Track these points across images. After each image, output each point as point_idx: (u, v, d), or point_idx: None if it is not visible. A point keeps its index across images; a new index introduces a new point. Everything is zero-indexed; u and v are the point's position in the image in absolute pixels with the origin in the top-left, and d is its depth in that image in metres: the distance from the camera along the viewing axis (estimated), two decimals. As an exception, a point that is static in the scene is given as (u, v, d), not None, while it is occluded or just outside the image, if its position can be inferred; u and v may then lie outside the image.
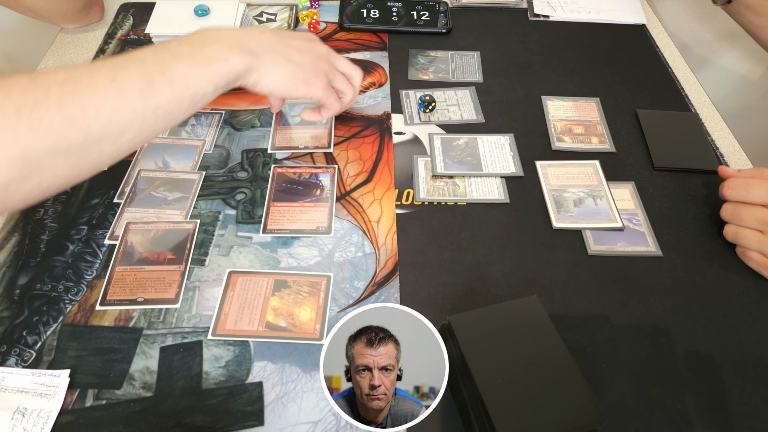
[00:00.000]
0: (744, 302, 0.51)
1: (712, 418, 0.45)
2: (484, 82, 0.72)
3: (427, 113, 0.67)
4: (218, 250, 0.53)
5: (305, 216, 0.56)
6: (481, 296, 0.51)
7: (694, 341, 0.49)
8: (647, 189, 0.60)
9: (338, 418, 0.43)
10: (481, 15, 0.83)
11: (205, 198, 0.57)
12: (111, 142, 0.39)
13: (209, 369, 0.46)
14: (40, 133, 0.35)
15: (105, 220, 0.55)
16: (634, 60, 0.76)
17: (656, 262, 0.54)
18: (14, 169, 0.35)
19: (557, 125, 0.67)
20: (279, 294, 0.50)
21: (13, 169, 0.35)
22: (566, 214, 0.57)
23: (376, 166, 0.61)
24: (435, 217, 0.57)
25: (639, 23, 0.82)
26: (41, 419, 0.42)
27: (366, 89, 0.70)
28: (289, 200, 0.57)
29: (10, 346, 0.46)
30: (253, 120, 0.66)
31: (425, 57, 0.75)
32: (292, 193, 0.58)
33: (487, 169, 0.61)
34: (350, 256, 0.53)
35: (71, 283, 0.50)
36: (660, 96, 0.71)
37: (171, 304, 0.49)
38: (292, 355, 0.47)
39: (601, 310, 0.50)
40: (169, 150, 0.62)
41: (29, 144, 0.35)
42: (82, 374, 0.45)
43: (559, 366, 0.39)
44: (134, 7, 0.80)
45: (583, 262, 0.54)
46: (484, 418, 0.37)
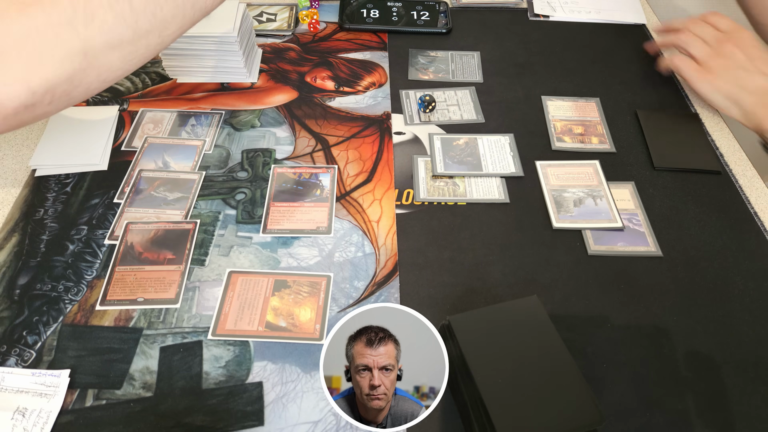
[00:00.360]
0: (744, 302, 0.51)
1: (712, 418, 0.45)
2: (484, 82, 0.72)
3: (427, 113, 0.67)
4: (218, 250, 0.53)
5: (305, 216, 0.56)
6: (481, 296, 0.51)
7: (694, 341, 0.49)
8: (647, 189, 0.60)
9: (338, 418, 0.43)
10: (481, 15, 0.83)
11: (205, 198, 0.57)
12: (156, 35, 0.43)
13: (209, 369, 0.46)
14: (95, 29, 0.39)
15: (105, 220, 0.55)
16: (634, 60, 0.76)
17: (656, 262, 0.54)
18: (75, 62, 0.39)
19: (557, 125, 0.67)
20: (279, 294, 0.50)
21: (74, 61, 0.39)
22: (566, 214, 0.57)
23: (376, 166, 0.61)
24: (435, 217, 0.57)
25: (639, 23, 0.82)
26: (41, 419, 0.42)
27: (366, 89, 0.70)
28: (290, 200, 0.57)
29: (10, 346, 0.46)
30: (253, 120, 0.66)
31: (425, 57, 0.75)
32: (292, 193, 0.58)
33: (487, 169, 0.61)
34: (350, 256, 0.53)
35: (71, 283, 0.50)
36: (660, 96, 0.71)
37: (171, 304, 0.49)
38: (292, 355, 0.47)
39: (601, 310, 0.50)
40: (169, 150, 0.62)
41: (87, 38, 0.39)
42: (82, 374, 0.45)
43: (559, 366, 0.39)
44: (134, 7, 0.80)
45: (583, 262, 0.54)
46: (484, 418, 0.37)
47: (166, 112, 0.66)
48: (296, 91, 0.70)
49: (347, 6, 0.80)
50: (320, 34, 0.78)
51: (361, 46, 0.77)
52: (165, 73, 0.70)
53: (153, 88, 0.69)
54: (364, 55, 0.75)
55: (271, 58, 0.74)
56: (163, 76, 0.70)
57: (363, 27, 0.78)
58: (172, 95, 0.68)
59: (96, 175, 0.59)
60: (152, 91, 0.68)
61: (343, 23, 0.78)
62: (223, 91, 0.69)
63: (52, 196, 0.57)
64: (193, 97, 0.68)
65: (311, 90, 0.70)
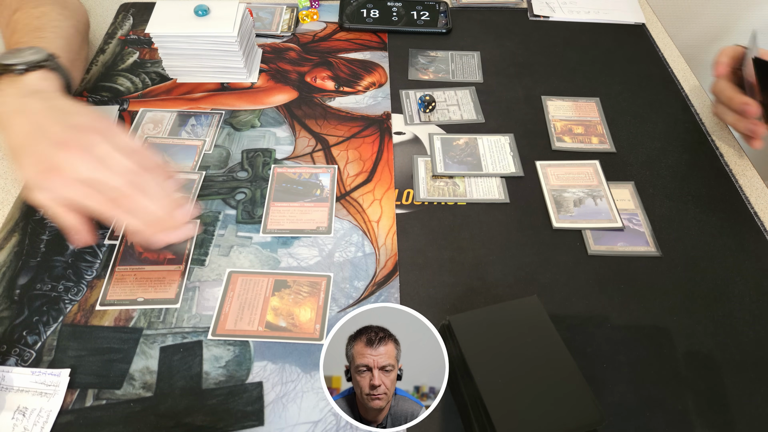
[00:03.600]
0: (744, 302, 0.51)
1: (712, 418, 0.45)
2: (484, 82, 0.72)
3: (427, 113, 0.67)
4: (218, 250, 0.53)
5: (305, 216, 0.56)
6: (481, 296, 0.51)
7: (694, 341, 0.49)
8: (647, 189, 0.60)
9: (338, 418, 0.43)
10: (481, 15, 0.83)
11: (205, 198, 0.57)
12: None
13: (209, 369, 0.46)
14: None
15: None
16: (634, 60, 0.76)
17: (656, 262, 0.54)
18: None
19: (557, 125, 0.67)
20: (279, 294, 0.50)
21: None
22: (566, 214, 0.57)
23: (376, 166, 0.61)
24: (435, 217, 0.57)
25: (638, 23, 0.82)
26: (41, 418, 0.42)
27: (366, 89, 0.70)
28: (289, 200, 0.57)
29: (10, 346, 0.46)
30: (253, 120, 0.66)
31: (425, 57, 0.75)
32: (292, 193, 0.58)
33: (487, 169, 0.61)
34: (350, 256, 0.53)
35: (71, 283, 0.50)
36: (660, 96, 0.71)
37: (171, 304, 0.49)
38: (292, 355, 0.47)
39: (601, 310, 0.50)
40: (169, 150, 0.62)
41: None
42: (82, 374, 0.45)
43: (559, 366, 0.39)
44: (134, 7, 0.80)
45: (583, 262, 0.54)
46: (484, 418, 0.37)
47: (166, 112, 0.66)
48: (296, 91, 0.70)
49: (347, 6, 0.80)
50: (320, 33, 0.78)
51: (361, 46, 0.77)
52: (165, 73, 0.70)
53: (153, 88, 0.69)
54: (364, 55, 0.75)
55: (271, 58, 0.74)
56: (163, 76, 0.70)
57: (363, 27, 0.78)
58: (172, 95, 0.68)
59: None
60: (152, 91, 0.68)
61: (343, 23, 0.78)
62: (223, 91, 0.69)
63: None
64: (193, 97, 0.68)
65: (311, 90, 0.70)
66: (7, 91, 0.49)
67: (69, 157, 0.44)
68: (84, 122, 0.46)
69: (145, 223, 0.45)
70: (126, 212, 0.44)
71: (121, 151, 0.45)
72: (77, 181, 0.43)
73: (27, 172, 0.45)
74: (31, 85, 0.50)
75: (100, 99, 0.67)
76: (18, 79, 0.50)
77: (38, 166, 0.44)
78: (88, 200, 0.44)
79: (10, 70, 0.50)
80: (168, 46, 0.66)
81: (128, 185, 0.44)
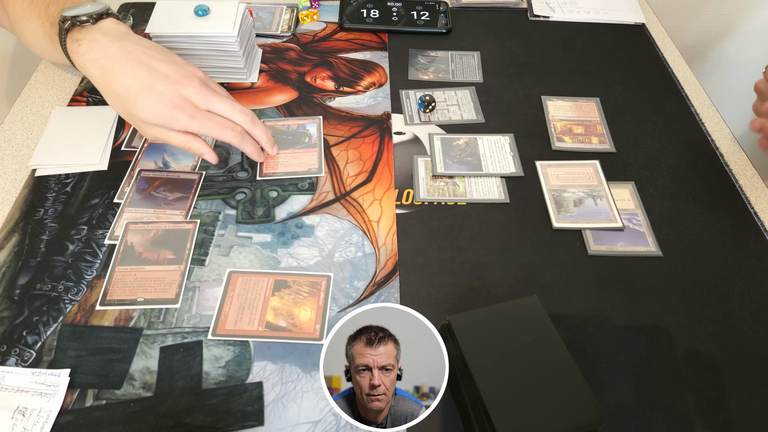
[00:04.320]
0: (744, 302, 0.51)
1: (712, 418, 0.45)
2: (484, 82, 0.72)
3: (427, 113, 0.67)
4: (218, 250, 0.53)
5: (297, 160, 0.61)
6: (481, 296, 0.51)
7: (694, 341, 0.49)
8: (647, 189, 0.60)
9: (338, 418, 0.43)
10: (481, 15, 0.83)
11: (205, 198, 0.57)
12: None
13: (209, 369, 0.46)
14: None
15: (105, 220, 0.55)
16: (634, 60, 0.76)
17: (656, 262, 0.54)
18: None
19: (557, 125, 0.67)
20: (279, 294, 0.50)
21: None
22: (566, 214, 0.57)
23: (376, 166, 0.61)
24: (435, 217, 0.57)
25: (638, 23, 0.82)
26: (41, 418, 0.42)
27: (366, 89, 0.70)
28: (282, 148, 0.62)
29: (10, 346, 0.46)
30: (253, 120, 0.66)
31: (425, 57, 0.75)
32: (283, 142, 0.58)
33: (487, 169, 0.61)
34: (350, 256, 0.53)
35: (71, 283, 0.50)
36: (660, 96, 0.71)
37: (171, 304, 0.49)
38: (292, 355, 0.47)
39: (601, 310, 0.50)
40: (169, 150, 0.62)
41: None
42: (82, 374, 0.45)
43: (559, 366, 0.39)
44: (134, 7, 0.80)
45: (583, 262, 0.54)
46: (484, 418, 0.37)
47: (166, 112, 0.66)
48: (296, 91, 0.70)
49: (347, 6, 0.80)
50: (320, 33, 0.78)
51: (361, 46, 0.77)
52: (165, 73, 0.70)
53: (153, 88, 0.68)
54: (364, 55, 0.75)
55: (271, 58, 0.74)
56: (163, 76, 0.70)
57: (363, 27, 0.78)
58: (172, 95, 0.68)
59: (96, 175, 0.59)
60: (152, 91, 0.68)
61: (343, 23, 0.78)
62: (223, 91, 0.69)
63: (52, 196, 0.57)
64: (193, 97, 0.68)
65: (311, 90, 0.70)
66: (94, 37, 0.50)
67: (194, 92, 0.50)
68: (181, 60, 0.53)
69: (258, 148, 0.56)
70: (247, 143, 0.55)
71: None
72: (206, 113, 0.51)
73: (152, 113, 0.49)
74: (111, 30, 0.51)
75: (101, 99, 0.67)
76: (94, 28, 0.51)
77: (166, 103, 0.49)
78: (220, 131, 0.52)
79: (82, 22, 0.51)
80: (168, 46, 0.66)
81: (248, 116, 0.53)
